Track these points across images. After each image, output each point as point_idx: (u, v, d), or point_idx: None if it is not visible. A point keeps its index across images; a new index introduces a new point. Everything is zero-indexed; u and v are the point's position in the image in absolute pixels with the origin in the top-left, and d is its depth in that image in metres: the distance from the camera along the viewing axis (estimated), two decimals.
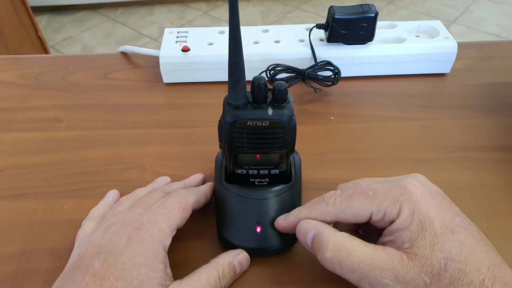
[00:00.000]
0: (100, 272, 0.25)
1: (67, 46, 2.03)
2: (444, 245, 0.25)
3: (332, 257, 0.26)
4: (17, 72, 0.52)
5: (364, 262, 0.25)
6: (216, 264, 0.29)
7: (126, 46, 0.54)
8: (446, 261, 0.24)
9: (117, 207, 0.31)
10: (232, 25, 0.24)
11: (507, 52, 0.54)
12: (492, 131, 0.43)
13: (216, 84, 0.50)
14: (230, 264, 0.29)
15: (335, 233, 0.27)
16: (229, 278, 0.29)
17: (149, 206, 0.29)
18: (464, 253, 0.24)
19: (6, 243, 0.33)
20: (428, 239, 0.25)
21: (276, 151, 0.30)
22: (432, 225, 0.25)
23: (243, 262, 0.30)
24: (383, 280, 0.25)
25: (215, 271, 0.28)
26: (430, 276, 0.24)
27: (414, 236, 0.25)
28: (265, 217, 0.31)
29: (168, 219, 0.28)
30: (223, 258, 0.30)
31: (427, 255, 0.24)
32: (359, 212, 0.27)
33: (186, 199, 0.31)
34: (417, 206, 0.26)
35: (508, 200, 0.36)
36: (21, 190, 0.38)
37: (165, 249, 0.28)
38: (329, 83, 0.46)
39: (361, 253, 0.26)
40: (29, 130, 0.44)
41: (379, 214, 0.27)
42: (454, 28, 2.05)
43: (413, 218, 0.26)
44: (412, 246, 0.25)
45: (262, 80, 0.27)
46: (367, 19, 0.46)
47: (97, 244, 0.27)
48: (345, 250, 0.26)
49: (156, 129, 0.44)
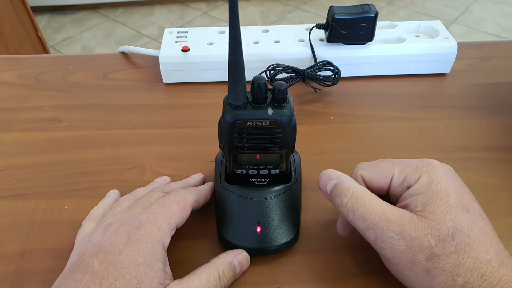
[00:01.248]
0: (99, 271, 0.25)
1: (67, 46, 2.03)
2: (456, 217, 0.25)
3: (349, 203, 0.27)
4: (17, 72, 0.52)
5: (376, 213, 0.26)
6: (216, 263, 0.29)
7: (126, 46, 0.54)
8: (454, 231, 0.25)
9: (116, 207, 0.31)
10: (232, 25, 0.24)
11: (507, 52, 0.54)
12: (492, 131, 0.43)
13: (216, 84, 0.50)
14: (230, 264, 0.29)
15: (355, 184, 0.29)
16: (229, 277, 0.29)
17: (148, 206, 0.29)
18: (475, 231, 0.25)
19: (6, 243, 0.33)
20: (442, 207, 0.26)
21: (276, 151, 0.30)
22: (448, 197, 0.26)
23: (243, 262, 0.30)
24: (389, 232, 0.26)
25: (215, 271, 0.28)
26: (436, 239, 0.25)
27: (428, 201, 0.26)
28: (265, 217, 0.31)
29: (167, 218, 0.29)
30: (223, 258, 0.30)
31: (437, 220, 0.25)
32: (383, 173, 0.29)
33: (185, 198, 0.31)
34: (436, 178, 0.27)
35: (508, 200, 0.36)
36: (21, 190, 0.38)
37: (164, 248, 0.28)
38: (329, 83, 0.46)
39: (375, 205, 0.27)
40: (29, 130, 0.44)
41: (399, 179, 0.28)
42: (454, 28, 2.05)
43: (430, 186, 0.27)
44: (424, 209, 0.26)
45: (262, 80, 0.27)
46: (367, 19, 0.46)
47: (96, 243, 0.27)
48: (362, 199, 0.27)
49: (156, 129, 0.44)
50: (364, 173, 0.30)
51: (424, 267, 0.25)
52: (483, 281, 0.23)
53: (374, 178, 0.30)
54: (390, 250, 0.26)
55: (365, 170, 0.30)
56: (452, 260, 0.24)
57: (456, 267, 0.24)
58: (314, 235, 0.33)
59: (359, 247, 0.32)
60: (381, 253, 0.27)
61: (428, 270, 0.25)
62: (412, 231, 0.25)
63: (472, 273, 0.24)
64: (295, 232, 0.32)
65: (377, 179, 0.29)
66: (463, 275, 0.24)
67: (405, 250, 0.25)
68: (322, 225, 0.34)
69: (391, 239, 0.26)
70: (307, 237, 0.33)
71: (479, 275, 0.23)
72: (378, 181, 0.29)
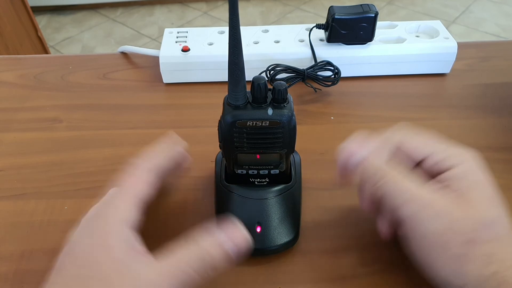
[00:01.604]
0: (61, 264, 0.25)
1: (67, 46, 2.03)
2: (496, 208, 0.25)
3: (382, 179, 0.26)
4: (17, 72, 0.52)
5: (410, 191, 0.25)
6: (199, 240, 0.25)
7: (126, 46, 0.54)
8: (495, 219, 0.25)
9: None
10: (232, 25, 0.24)
11: (507, 52, 0.54)
12: (492, 131, 0.43)
13: (216, 84, 0.50)
14: (218, 241, 0.25)
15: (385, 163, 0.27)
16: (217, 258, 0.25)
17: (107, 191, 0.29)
18: (504, 224, 0.25)
19: (6, 243, 0.33)
20: (485, 196, 0.25)
21: (276, 151, 0.30)
22: (488, 189, 0.26)
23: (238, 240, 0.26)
24: (423, 212, 0.25)
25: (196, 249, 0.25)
26: (479, 225, 0.24)
27: (472, 187, 0.26)
28: (265, 217, 0.31)
29: (123, 194, 0.28)
30: (210, 234, 0.26)
31: (480, 207, 0.25)
32: (422, 145, 0.28)
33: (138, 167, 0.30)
34: (478, 169, 0.27)
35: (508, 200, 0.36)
36: (21, 190, 0.38)
37: (128, 225, 0.26)
38: (329, 83, 0.46)
39: (409, 181, 0.26)
40: (29, 130, 0.44)
41: (440, 156, 0.27)
42: (454, 28, 2.05)
43: (477, 173, 0.26)
44: (469, 194, 0.25)
45: (262, 80, 0.27)
46: (367, 19, 0.46)
47: (68, 239, 0.27)
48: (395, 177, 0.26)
49: (156, 129, 0.44)
50: (403, 139, 0.28)
51: (460, 251, 0.24)
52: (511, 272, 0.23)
53: (412, 148, 0.28)
54: (425, 229, 0.25)
55: (406, 136, 0.29)
56: (489, 248, 0.24)
57: (489, 256, 0.23)
58: (314, 235, 0.33)
59: (359, 247, 0.32)
60: (410, 235, 0.26)
61: (464, 254, 0.24)
62: (454, 212, 0.24)
63: (503, 264, 0.23)
64: (295, 232, 0.32)
65: (415, 150, 0.28)
66: (496, 263, 0.23)
67: (442, 232, 0.24)
68: (322, 225, 0.34)
69: (426, 221, 0.24)
70: (307, 237, 0.33)
71: (508, 266, 0.23)
72: (415, 152, 0.28)
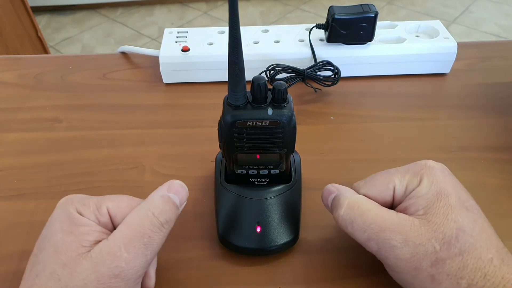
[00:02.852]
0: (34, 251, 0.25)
1: (67, 46, 2.03)
2: (457, 217, 0.25)
3: (345, 214, 0.27)
4: (17, 72, 0.52)
5: (375, 223, 0.26)
6: (145, 204, 0.26)
7: (126, 46, 0.54)
8: (458, 231, 0.24)
9: None
10: (232, 25, 0.24)
11: (506, 52, 0.54)
12: (492, 131, 0.43)
13: (216, 84, 0.50)
14: (163, 198, 0.26)
15: (353, 194, 0.28)
16: (168, 211, 0.26)
17: None
18: (476, 230, 0.25)
19: (6, 243, 0.33)
20: (443, 209, 0.25)
21: (276, 151, 0.30)
22: (448, 197, 0.26)
23: (179, 191, 0.27)
24: (391, 241, 0.25)
25: (145, 211, 0.25)
26: (440, 243, 0.24)
27: (429, 204, 0.26)
28: (265, 217, 0.31)
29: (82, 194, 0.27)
30: (152, 195, 0.26)
31: (439, 223, 0.25)
32: (383, 188, 0.28)
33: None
34: (435, 180, 0.27)
35: (508, 200, 0.36)
36: (21, 190, 0.38)
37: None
38: (329, 83, 0.46)
39: (374, 214, 0.26)
40: (29, 130, 0.44)
41: (401, 188, 0.27)
42: (454, 28, 2.05)
43: (430, 188, 0.26)
44: (426, 213, 0.25)
45: (262, 80, 0.27)
46: (367, 19, 0.46)
47: None
48: (359, 209, 0.26)
49: (156, 129, 0.44)
50: (365, 192, 0.29)
51: (429, 273, 0.24)
52: (486, 281, 0.23)
53: (377, 195, 0.28)
54: (394, 259, 0.25)
55: (364, 189, 0.29)
56: (456, 263, 0.24)
57: (460, 269, 0.23)
58: (314, 235, 0.33)
59: (359, 247, 0.32)
60: (385, 263, 0.26)
61: (433, 276, 0.24)
62: (416, 238, 0.24)
63: (476, 274, 0.23)
64: (295, 232, 0.32)
65: (380, 195, 0.28)
66: (467, 277, 0.23)
67: (409, 258, 0.24)
68: (322, 225, 0.34)
69: (394, 248, 0.25)
70: (307, 237, 0.33)
71: (482, 275, 0.23)
72: (382, 196, 0.28)
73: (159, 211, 0.25)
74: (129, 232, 0.24)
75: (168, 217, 0.26)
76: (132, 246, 0.23)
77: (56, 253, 0.23)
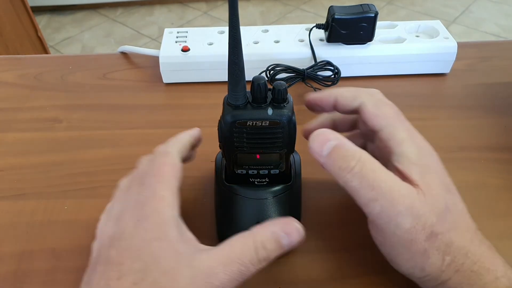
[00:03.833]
0: (116, 259, 0.24)
1: (67, 46, 2.03)
2: (446, 196, 0.25)
3: (357, 167, 0.24)
4: (17, 72, 0.52)
5: (387, 182, 0.24)
6: (255, 232, 0.25)
7: (126, 46, 0.54)
8: (446, 208, 0.25)
9: (117, 192, 0.31)
10: (232, 25, 0.24)
11: (506, 52, 0.54)
12: (492, 131, 0.43)
13: (216, 84, 0.50)
14: (273, 234, 0.25)
15: (360, 149, 0.26)
16: (271, 250, 0.25)
17: (142, 181, 0.28)
18: (458, 211, 0.25)
19: (6, 243, 0.33)
20: (436, 183, 0.25)
21: (276, 151, 0.30)
22: (437, 173, 0.26)
23: (292, 233, 0.26)
24: (399, 206, 0.23)
25: (251, 241, 0.25)
26: (437, 216, 0.24)
27: (424, 174, 0.25)
28: (265, 217, 0.31)
29: (164, 185, 0.27)
30: (265, 227, 0.26)
31: (435, 196, 0.24)
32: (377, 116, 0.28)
33: (169, 154, 0.28)
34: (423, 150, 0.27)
35: (508, 200, 0.36)
36: (21, 190, 0.38)
37: (174, 215, 0.26)
38: (329, 83, 0.46)
39: (385, 174, 0.25)
40: (29, 130, 0.44)
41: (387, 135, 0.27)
42: (454, 28, 2.05)
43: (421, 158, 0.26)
44: (422, 183, 0.25)
45: (262, 80, 0.27)
46: (367, 19, 0.46)
47: (111, 234, 0.26)
48: (372, 165, 0.25)
49: (156, 129, 0.44)
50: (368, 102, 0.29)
51: (423, 247, 0.24)
52: (466, 259, 0.24)
53: (371, 115, 0.28)
54: (394, 226, 0.24)
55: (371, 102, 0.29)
56: (446, 239, 0.24)
57: (448, 245, 0.24)
58: (314, 235, 0.33)
59: (359, 247, 0.32)
60: (381, 229, 0.25)
61: (426, 250, 0.24)
62: (420, 208, 0.23)
63: (460, 251, 0.24)
64: None
65: (373, 118, 0.28)
66: (452, 253, 0.24)
67: (409, 228, 0.23)
68: (322, 225, 0.34)
69: (399, 215, 0.23)
70: (307, 237, 0.33)
71: (464, 253, 0.24)
72: (372, 119, 0.28)
73: (263, 247, 0.25)
74: (231, 255, 0.24)
75: (269, 256, 0.25)
76: (230, 269, 0.24)
77: (156, 262, 0.23)
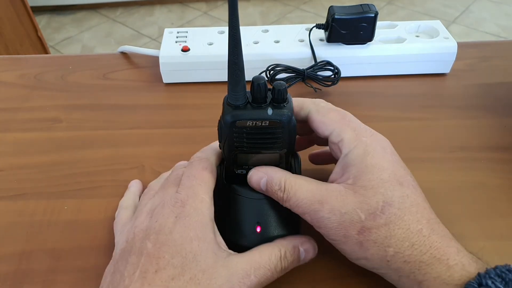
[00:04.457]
0: (154, 252, 0.25)
1: (67, 46, 2.03)
2: (387, 191, 0.26)
3: (285, 196, 0.28)
4: (17, 72, 0.52)
5: (306, 198, 0.27)
6: (280, 244, 0.28)
7: (126, 46, 0.54)
8: (384, 204, 0.25)
9: (149, 192, 0.32)
10: (232, 25, 0.24)
11: (507, 52, 0.54)
12: (492, 131, 0.43)
13: (216, 84, 0.50)
14: (294, 248, 0.29)
15: (284, 174, 0.29)
16: (291, 261, 0.28)
17: (179, 183, 0.29)
18: (406, 204, 0.26)
19: (6, 243, 0.33)
20: (373, 182, 0.26)
21: (276, 151, 0.30)
22: (382, 172, 0.27)
23: (309, 250, 0.29)
24: (320, 212, 0.26)
25: (277, 251, 0.28)
26: (366, 213, 0.25)
27: (360, 175, 0.27)
28: (265, 217, 0.31)
29: (204, 188, 0.29)
30: (289, 240, 0.29)
31: (366, 194, 0.26)
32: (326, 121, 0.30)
33: (208, 161, 0.31)
34: (372, 152, 0.28)
35: (508, 200, 0.36)
36: (21, 190, 0.38)
37: (212, 218, 0.28)
38: (329, 83, 0.46)
39: (305, 190, 0.27)
40: (29, 130, 0.44)
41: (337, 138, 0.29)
42: (454, 28, 2.05)
43: (364, 159, 0.27)
44: (355, 183, 0.27)
45: (262, 80, 0.27)
46: (367, 19, 0.46)
47: (144, 228, 0.27)
48: (293, 189, 0.28)
49: (156, 129, 0.44)
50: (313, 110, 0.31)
51: (357, 240, 0.26)
52: (413, 250, 0.24)
53: (318, 122, 0.30)
54: (325, 228, 0.27)
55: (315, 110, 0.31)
56: (383, 232, 0.25)
57: (387, 238, 0.25)
58: (314, 235, 0.33)
59: None
60: (321, 233, 0.28)
61: (361, 242, 0.25)
62: (341, 207, 0.26)
63: (403, 243, 0.25)
64: (295, 231, 0.32)
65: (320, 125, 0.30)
66: (394, 245, 0.25)
67: (337, 226, 0.26)
68: None
69: (323, 219, 0.26)
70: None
71: (410, 244, 0.25)
72: (319, 126, 0.30)
73: (285, 257, 0.28)
74: (261, 261, 0.27)
75: (288, 267, 0.28)
76: (259, 273, 0.26)
77: (195, 260, 0.25)
